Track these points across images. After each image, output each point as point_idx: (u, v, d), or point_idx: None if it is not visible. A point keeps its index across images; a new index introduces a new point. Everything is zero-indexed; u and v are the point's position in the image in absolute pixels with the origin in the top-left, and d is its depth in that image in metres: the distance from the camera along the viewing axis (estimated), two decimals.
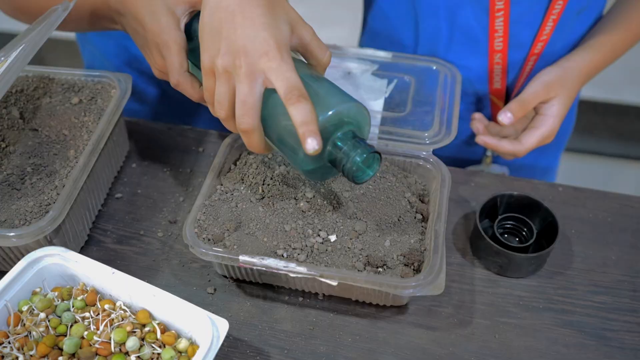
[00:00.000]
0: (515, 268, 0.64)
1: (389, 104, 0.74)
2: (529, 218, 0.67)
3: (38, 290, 0.58)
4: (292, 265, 0.56)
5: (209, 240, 0.59)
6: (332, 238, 0.60)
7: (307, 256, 0.58)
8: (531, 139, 0.73)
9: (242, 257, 0.56)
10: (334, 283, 0.56)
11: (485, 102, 0.87)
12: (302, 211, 0.62)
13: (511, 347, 0.59)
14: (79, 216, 0.64)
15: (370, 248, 0.59)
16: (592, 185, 0.77)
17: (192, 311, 0.53)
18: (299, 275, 0.56)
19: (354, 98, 0.54)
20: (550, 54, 0.80)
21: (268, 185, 0.64)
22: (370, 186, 0.65)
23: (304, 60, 0.58)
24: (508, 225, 0.68)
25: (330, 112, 0.52)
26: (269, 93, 0.52)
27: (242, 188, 0.64)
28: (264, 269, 0.56)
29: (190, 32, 0.60)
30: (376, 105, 0.74)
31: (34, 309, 0.56)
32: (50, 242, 0.60)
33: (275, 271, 0.56)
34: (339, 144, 0.53)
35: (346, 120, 0.54)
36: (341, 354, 0.58)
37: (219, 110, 0.53)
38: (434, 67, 0.79)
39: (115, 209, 0.71)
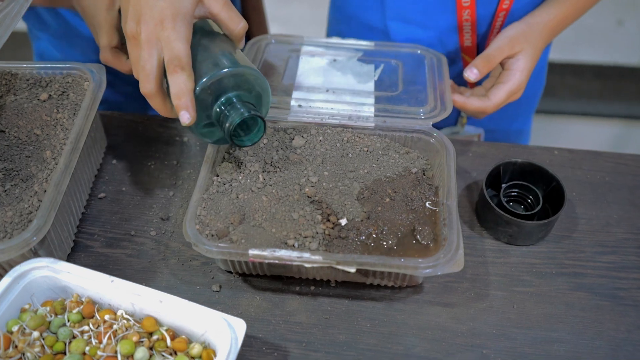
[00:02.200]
0: (525, 236, 0.63)
1: (379, 87, 0.71)
2: (533, 184, 0.66)
3: (27, 307, 0.53)
4: (307, 255, 0.53)
5: (212, 236, 0.55)
6: (343, 222, 0.57)
7: (319, 244, 0.55)
8: (499, 94, 0.71)
9: (251, 251, 0.53)
10: (352, 270, 0.53)
11: (457, 61, 0.85)
12: (308, 196, 0.59)
13: (530, 315, 0.58)
14: (63, 222, 0.59)
15: (382, 228, 0.57)
16: (558, 143, 0.76)
17: (206, 315, 0.50)
18: (314, 265, 0.53)
19: (248, 66, 0.54)
20: (519, 9, 0.79)
21: (268, 172, 0.60)
22: (375, 165, 0.63)
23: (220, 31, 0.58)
24: (513, 193, 0.67)
25: (205, 79, 0.52)
26: None
27: (240, 178, 0.60)
28: (276, 261, 0.53)
29: None
30: (366, 87, 0.71)
31: (25, 328, 0.51)
32: (35, 254, 0.55)
33: (289, 263, 0.53)
34: (220, 108, 0.54)
35: (232, 85, 0.54)
36: (361, 340, 0.56)
37: (134, 73, 0.55)
38: (419, 52, 0.77)
39: (100, 209, 0.66)
